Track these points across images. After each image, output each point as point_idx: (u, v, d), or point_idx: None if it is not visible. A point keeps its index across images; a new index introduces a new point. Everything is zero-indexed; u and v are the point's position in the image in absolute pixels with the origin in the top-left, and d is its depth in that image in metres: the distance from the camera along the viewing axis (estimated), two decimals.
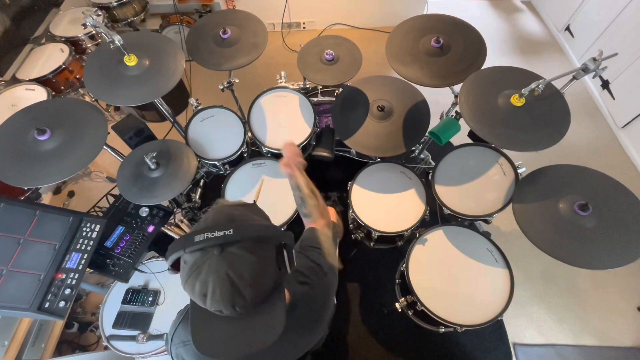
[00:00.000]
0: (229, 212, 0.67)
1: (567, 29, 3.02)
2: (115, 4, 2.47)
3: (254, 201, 0.77)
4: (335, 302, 0.95)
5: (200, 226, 0.64)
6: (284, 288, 0.68)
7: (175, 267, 0.65)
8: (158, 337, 1.39)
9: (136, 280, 1.51)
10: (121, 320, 1.42)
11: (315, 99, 1.97)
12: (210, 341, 0.62)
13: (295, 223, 1.62)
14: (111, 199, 1.65)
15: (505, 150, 1.58)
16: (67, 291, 1.25)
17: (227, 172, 1.81)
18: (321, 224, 1.00)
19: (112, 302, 1.48)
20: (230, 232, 0.59)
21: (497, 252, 1.47)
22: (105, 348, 1.40)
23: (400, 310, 1.57)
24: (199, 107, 1.85)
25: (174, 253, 0.61)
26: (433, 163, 1.92)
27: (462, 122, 1.52)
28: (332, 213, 1.59)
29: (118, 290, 1.50)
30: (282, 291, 0.67)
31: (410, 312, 1.59)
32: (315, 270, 0.88)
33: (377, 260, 1.99)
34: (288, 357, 0.85)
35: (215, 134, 1.81)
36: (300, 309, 0.80)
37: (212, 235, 0.59)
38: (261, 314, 0.63)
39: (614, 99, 2.54)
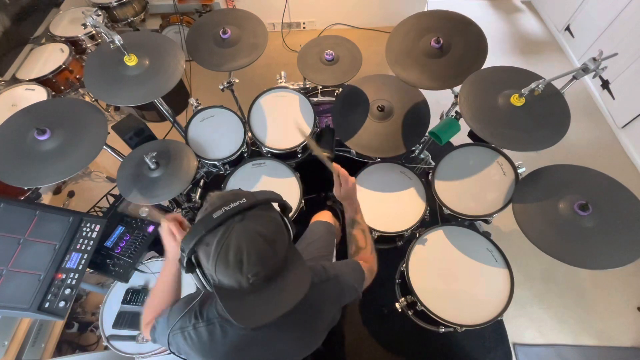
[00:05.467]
0: (234, 192, 0.69)
1: (567, 29, 3.02)
2: (115, 4, 2.47)
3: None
4: (335, 317, 0.95)
5: (209, 208, 0.65)
6: (295, 247, 0.72)
7: (188, 266, 0.66)
8: None
9: (136, 280, 1.50)
10: (121, 320, 1.42)
11: (315, 99, 1.97)
12: (250, 314, 0.64)
13: (295, 222, 1.62)
14: (111, 199, 1.65)
15: (505, 150, 1.58)
16: (67, 291, 1.25)
17: (227, 172, 1.81)
18: (362, 261, 1.03)
19: (112, 302, 1.48)
20: (243, 200, 0.64)
21: (497, 252, 1.47)
22: (105, 348, 1.40)
23: (400, 310, 1.57)
24: (199, 107, 1.85)
25: (193, 239, 0.62)
26: (433, 163, 1.92)
27: (462, 122, 1.52)
28: (329, 216, 1.58)
29: (118, 290, 1.50)
30: (295, 249, 0.71)
31: (410, 312, 1.59)
32: (320, 272, 0.88)
33: (377, 260, 2.00)
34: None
35: (215, 134, 1.81)
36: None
37: (229, 207, 0.62)
38: (287, 272, 0.66)
39: (614, 99, 2.54)
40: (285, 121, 1.83)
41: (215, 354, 0.79)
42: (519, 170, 1.52)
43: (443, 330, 1.49)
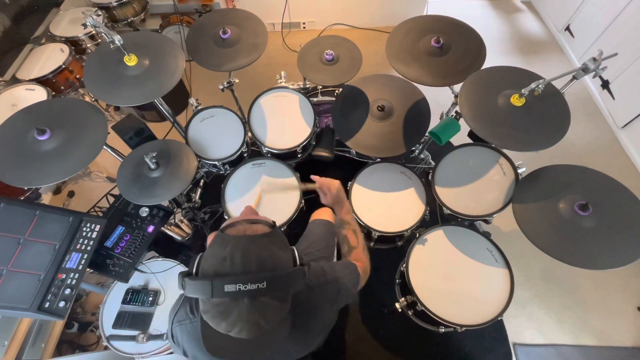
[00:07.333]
0: (258, 255, 0.63)
1: (567, 29, 3.02)
2: (115, 4, 2.47)
3: (274, 222, 0.74)
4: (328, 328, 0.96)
5: (227, 268, 0.61)
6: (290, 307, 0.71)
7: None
8: (158, 337, 1.39)
9: (136, 280, 1.50)
10: (121, 320, 1.42)
11: (315, 99, 1.97)
12: (220, 347, 0.66)
13: (295, 222, 1.62)
14: (111, 199, 1.65)
15: (505, 150, 1.58)
16: (67, 291, 1.25)
17: (227, 172, 1.81)
18: (356, 261, 1.04)
19: (112, 302, 1.48)
20: (263, 285, 0.60)
21: (497, 252, 1.47)
22: (105, 348, 1.40)
23: (400, 310, 1.57)
24: (199, 107, 1.85)
25: (197, 294, 0.61)
26: (433, 163, 1.92)
27: (462, 122, 1.52)
28: (329, 213, 1.58)
29: (118, 290, 1.50)
30: (290, 310, 0.69)
31: (410, 312, 1.59)
32: (318, 274, 0.89)
33: (377, 260, 1.99)
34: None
35: (215, 134, 1.81)
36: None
37: (245, 288, 0.59)
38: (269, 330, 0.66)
39: (614, 99, 2.54)
40: (285, 121, 1.83)
41: None
42: (519, 170, 1.52)
43: (443, 330, 1.49)
